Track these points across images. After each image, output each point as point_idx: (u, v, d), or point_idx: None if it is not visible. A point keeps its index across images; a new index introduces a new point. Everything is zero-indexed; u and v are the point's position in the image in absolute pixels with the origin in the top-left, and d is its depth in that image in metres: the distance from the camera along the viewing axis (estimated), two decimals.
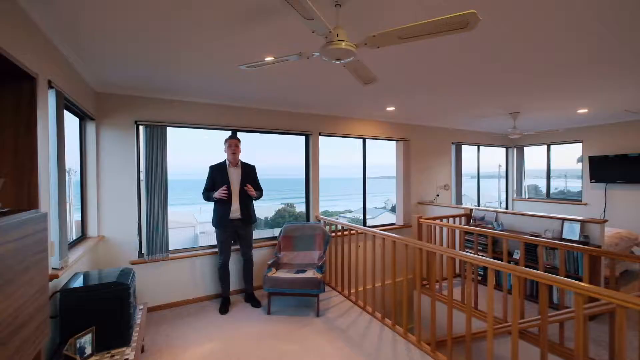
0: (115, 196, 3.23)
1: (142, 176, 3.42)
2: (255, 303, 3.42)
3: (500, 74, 2.86)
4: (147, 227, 3.35)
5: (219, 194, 3.18)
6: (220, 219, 3.29)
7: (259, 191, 3.47)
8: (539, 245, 2.73)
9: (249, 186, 3.29)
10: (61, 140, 2.05)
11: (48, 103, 1.91)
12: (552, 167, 6.67)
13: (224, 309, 3.31)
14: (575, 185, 6.67)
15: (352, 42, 1.56)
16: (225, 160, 3.41)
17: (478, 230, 3.32)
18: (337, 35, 1.54)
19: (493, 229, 4.10)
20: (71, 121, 2.87)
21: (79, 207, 3.06)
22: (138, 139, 3.39)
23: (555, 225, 3.57)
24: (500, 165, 7.39)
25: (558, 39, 2.14)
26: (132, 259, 3.30)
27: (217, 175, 3.31)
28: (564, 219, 3.48)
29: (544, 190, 6.76)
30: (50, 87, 1.93)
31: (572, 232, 3.36)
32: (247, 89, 3.22)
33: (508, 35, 2.06)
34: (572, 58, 2.48)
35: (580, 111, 4.63)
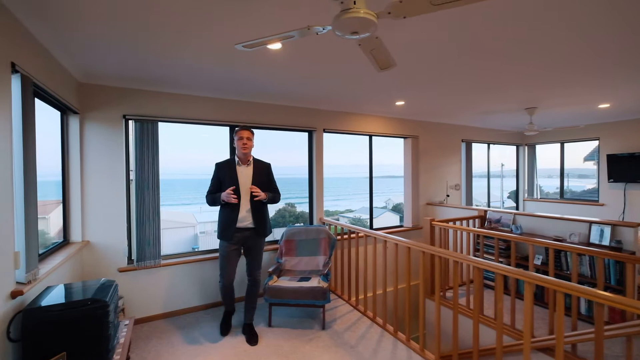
0: (102, 197, 2.94)
1: (132, 176, 3.15)
2: (252, 338, 2.68)
3: (519, 66, 2.63)
4: (138, 231, 3.07)
5: (226, 195, 2.54)
6: (226, 229, 2.65)
7: (275, 194, 2.82)
8: (572, 252, 2.44)
9: (254, 187, 2.62)
10: (29, 134, 1.77)
11: (11, 89, 1.62)
12: (553, 167, 6.47)
13: (225, 328, 2.83)
14: (578, 184, 6.42)
15: (372, 11, 1.28)
16: (234, 156, 2.79)
17: (500, 235, 3.02)
18: (355, 3, 1.26)
19: (511, 232, 3.82)
20: (46, 114, 2.59)
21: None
22: (127, 134, 3.11)
23: (582, 229, 3.28)
24: (502, 165, 7.17)
25: (580, 30, 1.97)
26: (120, 266, 3.02)
27: (225, 174, 2.69)
28: (591, 222, 3.19)
29: (547, 190, 6.53)
30: (15, 71, 1.64)
31: (600, 236, 3.08)
32: (246, 81, 2.93)
33: (527, 24, 1.88)
34: (594, 49, 2.28)
35: (601, 106, 4.34)
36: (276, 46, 2.13)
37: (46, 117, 2.64)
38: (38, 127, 2.26)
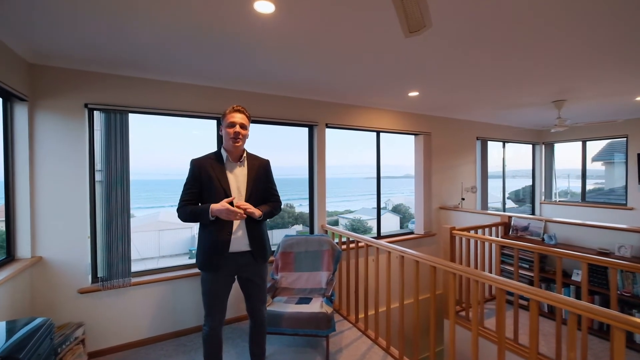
0: (59, 203, 2.43)
1: (100, 177, 2.64)
2: None
3: (554, 49, 2.19)
4: (104, 243, 2.56)
5: (228, 212, 1.69)
6: (212, 256, 1.79)
7: (275, 204, 2.00)
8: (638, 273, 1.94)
9: (243, 204, 1.76)
10: None
11: None
12: (555, 167, 6.15)
13: None
14: (578, 185, 6.02)
15: None
16: (220, 150, 1.93)
17: (541, 249, 2.50)
18: None
19: (543, 241, 3.32)
20: None
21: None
22: (92, 127, 2.60)
23: (633, 240, 2.78)
24: (505, 165, 6.84)
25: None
26: (81, 287, 2.50)
27: (209, 175, 1.82)
28: None
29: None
30: None
31: None
32: (233, 63, 2.41)
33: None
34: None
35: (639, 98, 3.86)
36: (268, 7, 1.62)
37: None
38: None
